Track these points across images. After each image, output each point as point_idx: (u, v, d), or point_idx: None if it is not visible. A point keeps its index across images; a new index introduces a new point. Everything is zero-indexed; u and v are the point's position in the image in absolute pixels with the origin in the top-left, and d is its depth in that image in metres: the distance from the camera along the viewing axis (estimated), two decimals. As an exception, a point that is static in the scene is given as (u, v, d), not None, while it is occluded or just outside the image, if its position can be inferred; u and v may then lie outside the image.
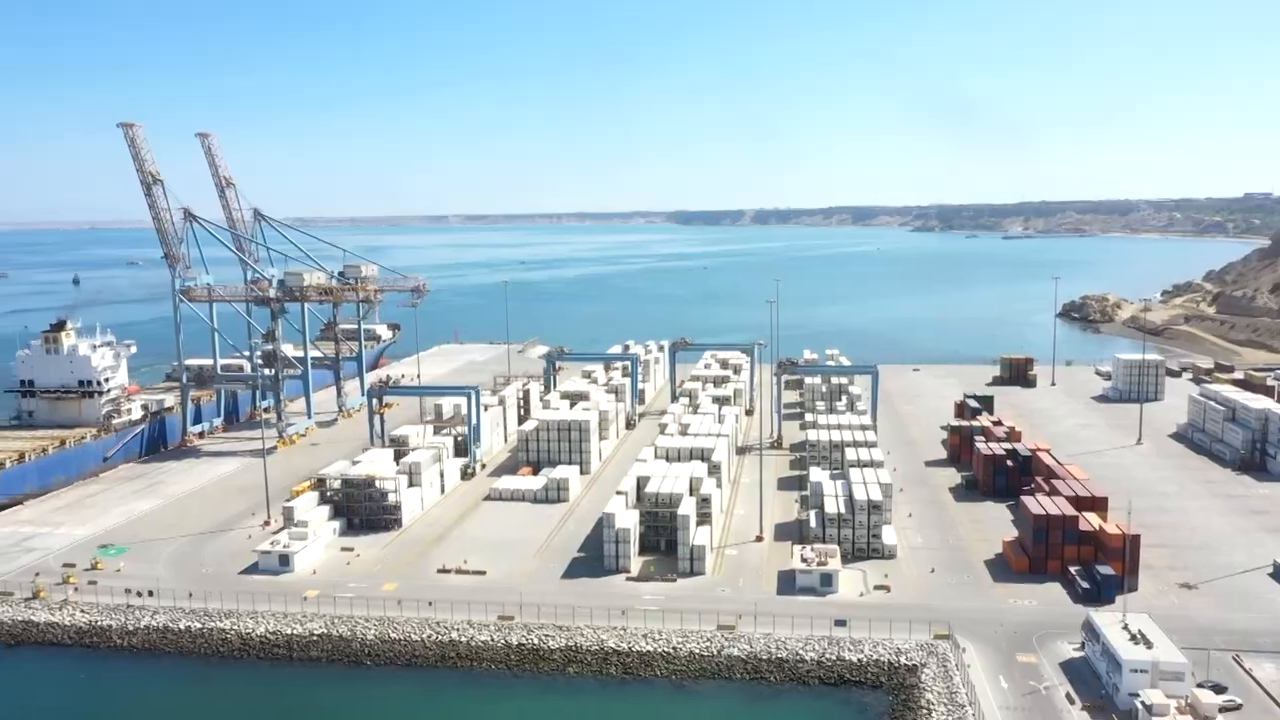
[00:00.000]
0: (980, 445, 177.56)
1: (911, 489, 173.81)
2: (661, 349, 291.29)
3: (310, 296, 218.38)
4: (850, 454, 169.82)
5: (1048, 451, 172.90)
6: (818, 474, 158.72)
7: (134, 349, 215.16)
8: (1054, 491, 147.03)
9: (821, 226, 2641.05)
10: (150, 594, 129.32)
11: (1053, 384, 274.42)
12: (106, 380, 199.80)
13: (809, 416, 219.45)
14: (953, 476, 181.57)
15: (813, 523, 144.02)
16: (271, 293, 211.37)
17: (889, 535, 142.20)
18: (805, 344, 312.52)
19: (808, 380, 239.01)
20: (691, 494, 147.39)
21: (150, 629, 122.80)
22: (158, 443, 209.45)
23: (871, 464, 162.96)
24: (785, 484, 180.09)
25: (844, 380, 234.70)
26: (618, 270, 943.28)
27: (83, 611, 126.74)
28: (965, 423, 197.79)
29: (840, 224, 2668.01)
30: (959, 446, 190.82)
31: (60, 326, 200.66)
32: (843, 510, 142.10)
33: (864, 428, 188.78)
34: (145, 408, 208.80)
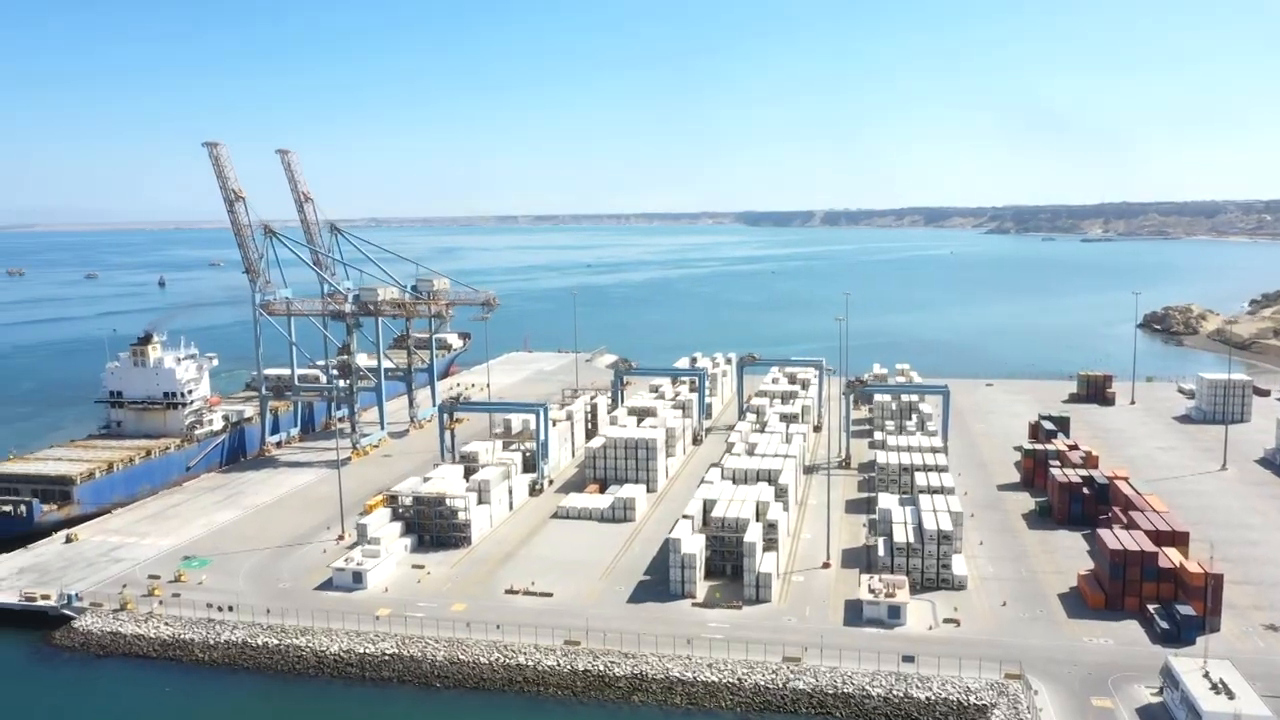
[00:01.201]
0: (1055, 471, 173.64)
1: (983, 514, 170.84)
2: (729, 361, 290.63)
3: (384, 311, 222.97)
4: (920, 478, 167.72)
5: (1126, 480, 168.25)
6: (886, 500, 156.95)
7: (215, 362, 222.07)
8: (1132, 524, 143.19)
9: (893, 228, 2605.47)
10: (230, 609, 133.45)
11: (1132, 402, 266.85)
12: (190, 392, 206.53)
13: (878, 435, 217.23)
14: (1026, 502, 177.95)
15: (881, 550, 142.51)
16: (347, 307, 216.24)
17: (959, 565, 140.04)
18: (874, 357, 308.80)
19: (877, 397, 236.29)
20: (758, 519, 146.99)
21: (230, 644, 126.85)
22: (237, 452, 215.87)
23: (942, 490, 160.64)
24: (853, 506, 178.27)
25: (914, 397, 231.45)
26: (685, 274, 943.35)
27: (167, 624, 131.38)
28: (1040, 445, 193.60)
29: (912, 225, 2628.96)
30: (1033, 470, 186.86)
31: (147, 340, 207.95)
32: (912, 539, 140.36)
33: (934, 450, 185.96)
34: (226, 418, 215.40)
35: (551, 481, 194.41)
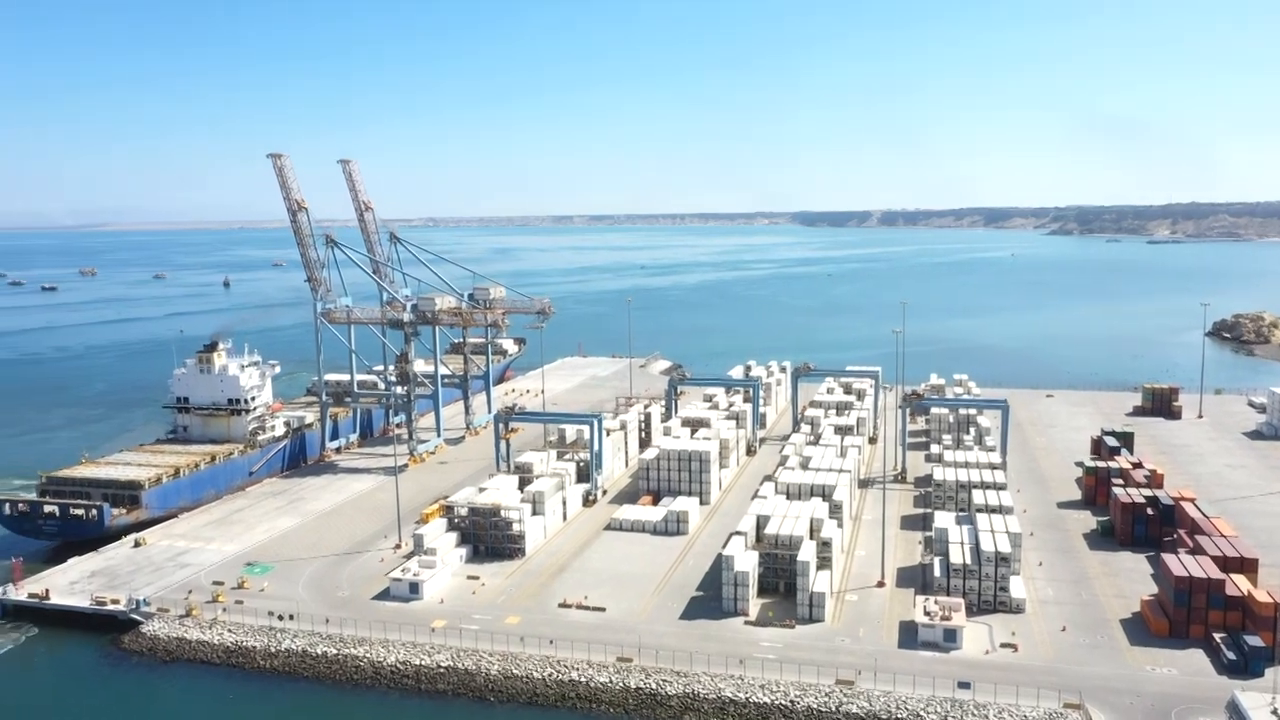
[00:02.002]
0: (1118, 490, 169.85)
1: (1042, 533, 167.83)
2: (783, 370, 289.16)
3: (442, 320, 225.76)
4: (977, 496, 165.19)
5: (1192, 502, 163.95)
6: (943, 519, 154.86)
7: (278, 369, 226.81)
8: (1198, 549, 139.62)
9: (952, 229, 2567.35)
10: (291, 617, 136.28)
11: (1199, 415, 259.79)
12: (253, 399, 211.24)
13: (935, 448, 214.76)
14: (1087, 521, 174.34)
15: (937, 571, 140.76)
16: (405, 316, 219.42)
17: (1017, 588, 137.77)
18: (932, 366, 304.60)
19: (934, 409, 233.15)
20: (811, 537, 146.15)
21: (290, 652, 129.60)
22: (298, 458, 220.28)
23: (1000, 509, 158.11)
24: (909, 522, 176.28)
25: (973, 411, 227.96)
26: (740, 276, 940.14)
27: (230, 631, 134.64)
28: (1102, 463, 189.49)
29: (971, 226, 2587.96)
30: (1095, 488, 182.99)
31: (212, 347, 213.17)
32: (969, 560, 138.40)
33: (993, 467, 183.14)
34: (287, 424, 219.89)
35: (605, 492, 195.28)
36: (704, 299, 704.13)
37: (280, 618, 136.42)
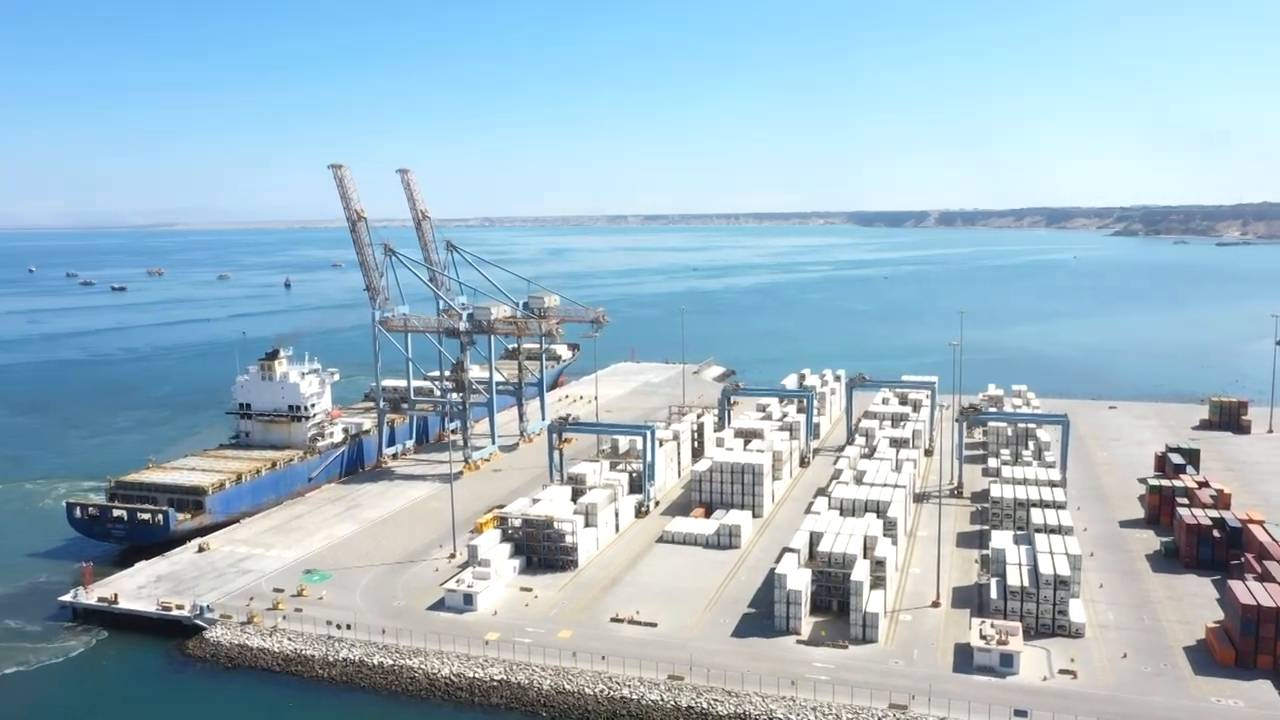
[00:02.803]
0: (1183, 510, 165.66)
1: (1103, 553, 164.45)
2: (838, 379, 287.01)
3: (497, 330, 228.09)
4: (1036, 515, 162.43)
5: (1261, 524, 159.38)
6: (1000, 539, 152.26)
7: (337, 377, 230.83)
8: (1267, 576, 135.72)
9: (1012, 229, 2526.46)
10: (348, 627, 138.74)
11: (1270, 430, 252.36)
12: (312, 406, 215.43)
13: (992, 462, 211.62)
14: (1150, 541, 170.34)
15: (993, 592, 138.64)
16: (461, 325, 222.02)
17: (1077, 611, 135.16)
18: (990, 375, 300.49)
19: (992, 422, 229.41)
20: (865, 555, 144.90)
21: (348, 662, 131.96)
22: (355, 464, 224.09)
23: (1059, 529, 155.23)
24: (965, 540, 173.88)
25: (1032, 424, 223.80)
26: (794, 279, 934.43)
27: (290, 639, 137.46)
28: (1166, 481, 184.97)
29: (1032, 226, 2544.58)
30: (1158, 507, 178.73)
31: (274, 355, 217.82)
32: (1026, 582, 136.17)
33: (1052, 484, 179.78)
34: (346, 430, 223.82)
35: (657, 503, 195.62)
36: (757, 302, 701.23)
37: (338, 627, 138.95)
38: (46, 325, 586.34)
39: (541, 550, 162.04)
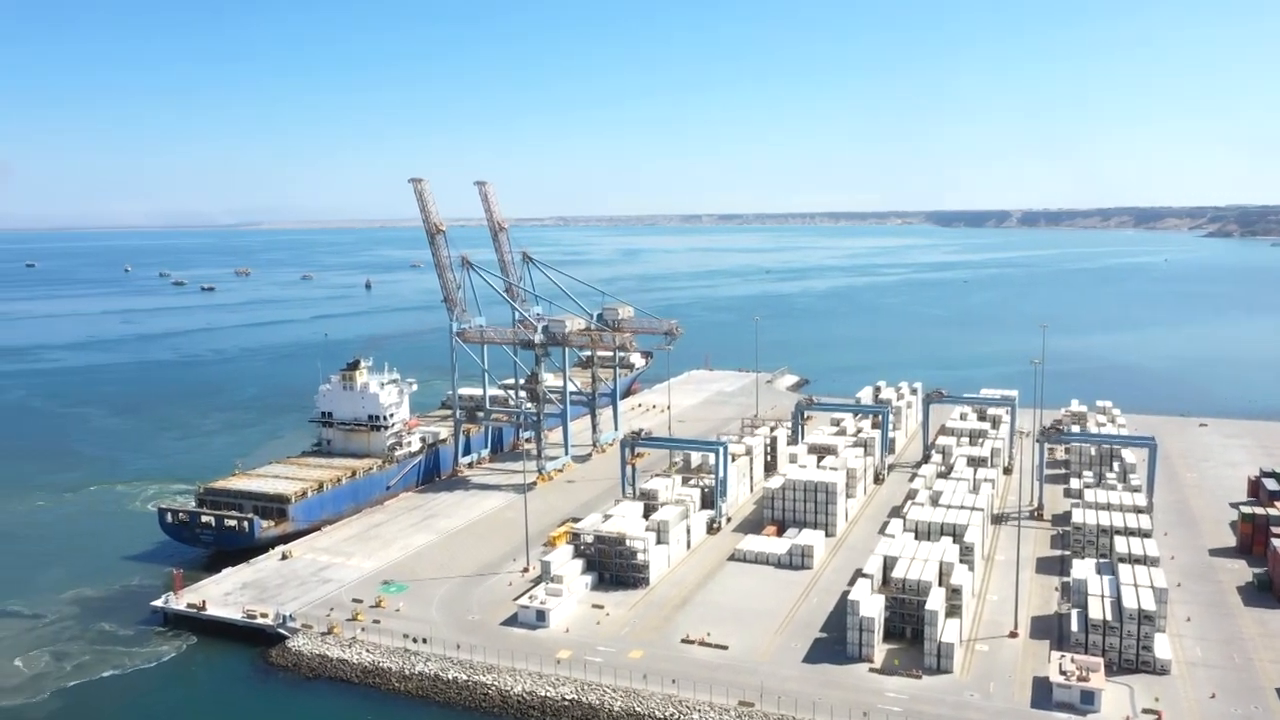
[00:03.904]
0: (1278, 541, 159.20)
1: (1191, 584, 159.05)
2: (914, 392, 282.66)
3: (571, 342, 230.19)
4: (1120, 544, 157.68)
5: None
6: (1082, 568, 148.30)
7: (415, 387, 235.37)
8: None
9: (1098, 229, 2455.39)
10: (424, 641, 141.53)
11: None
12: (391, 415, 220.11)
13: (1074, 483, 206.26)
14: (1243, 572, 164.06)
15: (1074, 624, 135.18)
16: (536, 338, 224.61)
17: (1162, 647, 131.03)
18: (1073, 388, 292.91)
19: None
20: (941, 582, 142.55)
21: (423, 676, 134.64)
22: (432, 472, 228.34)
23: (1145, 560, 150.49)
24: (1045, 565, 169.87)
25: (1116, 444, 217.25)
26: (871, 282, 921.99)
27: (368, 651, 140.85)
28: (1260, 509, 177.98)
29: (1120, 227, 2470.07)
30: (1251, 536, 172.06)
31: (355, 365, 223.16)
32: (1109, 615, 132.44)
33: (1138, 510, 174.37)
34: (423, 439, 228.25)
35: (729, 519, 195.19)
36: (832, 307, 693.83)
37: (415, 640, 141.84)
38: (141, 325, 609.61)
39: (613, 567, 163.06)
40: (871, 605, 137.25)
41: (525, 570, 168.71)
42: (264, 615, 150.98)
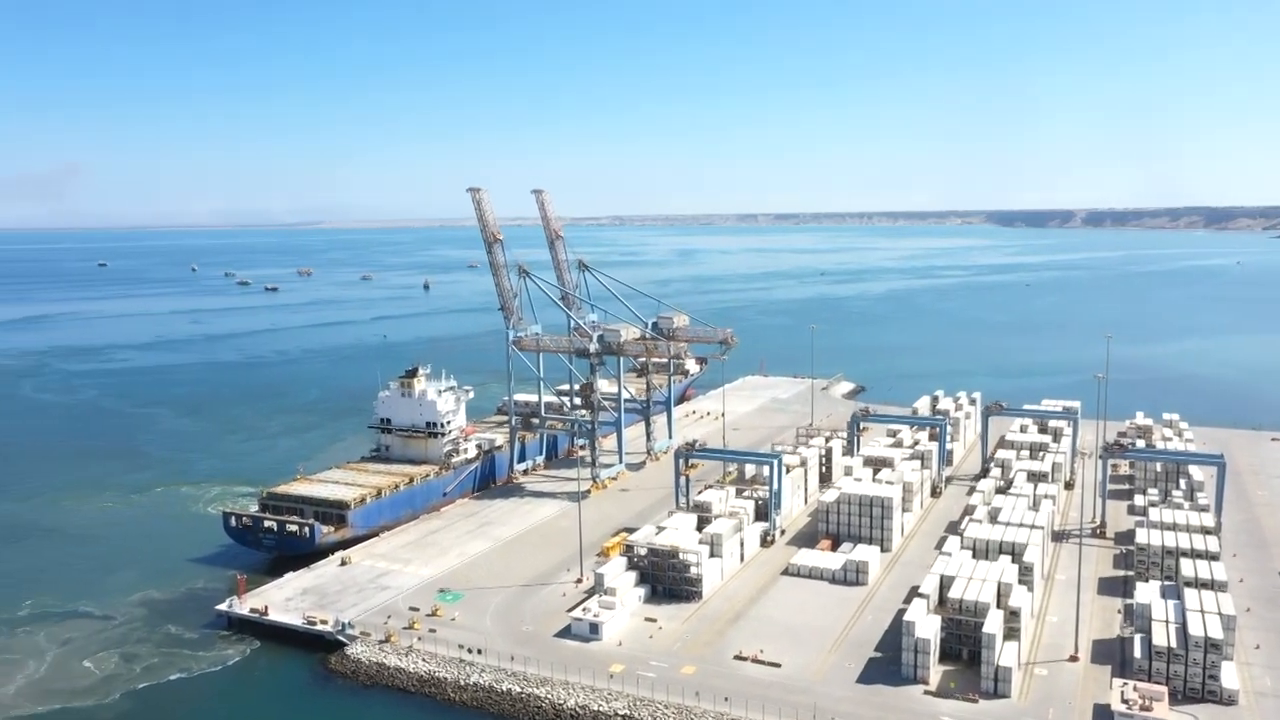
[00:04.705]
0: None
1: (1261, 609, 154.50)
2: (972, 402, 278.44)
3: (626, 351, 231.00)
4: (1186, 567, 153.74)
5: None
6: (1145, 592, 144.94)
7: (471, 394, 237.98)
8: None
9: (1167, 230, 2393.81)
10: (479, 651, 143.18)
11: None
12: (448, 422, 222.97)
13: (1139, 500, 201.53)
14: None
15: (1137, 650, 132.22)
16: (592, 347, 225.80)
17: (1229, 676, 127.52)
18: (1138, 400, 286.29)
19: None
20: (999, 604, 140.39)
21: (478, 687, 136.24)
22: (488, 479, 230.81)
23: (1212, 584, 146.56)
24: (1107, 586, 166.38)
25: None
26: (929, 285, 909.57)
27: (424, 660, 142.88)
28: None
29: (1189, 227, 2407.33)
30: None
31: (413, 373, 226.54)
32: (1173, 643, 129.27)
33: (1205, 531, 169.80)
34: (479, 446, 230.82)
35: (783, 531, 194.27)
36: (889, 311, 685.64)
37: (470, 651, 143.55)
38: (208, 325, 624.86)
39: (666, 580, 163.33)
40: (927, 626, 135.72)
41: (579, 581, 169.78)
42: (323, 621, 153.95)
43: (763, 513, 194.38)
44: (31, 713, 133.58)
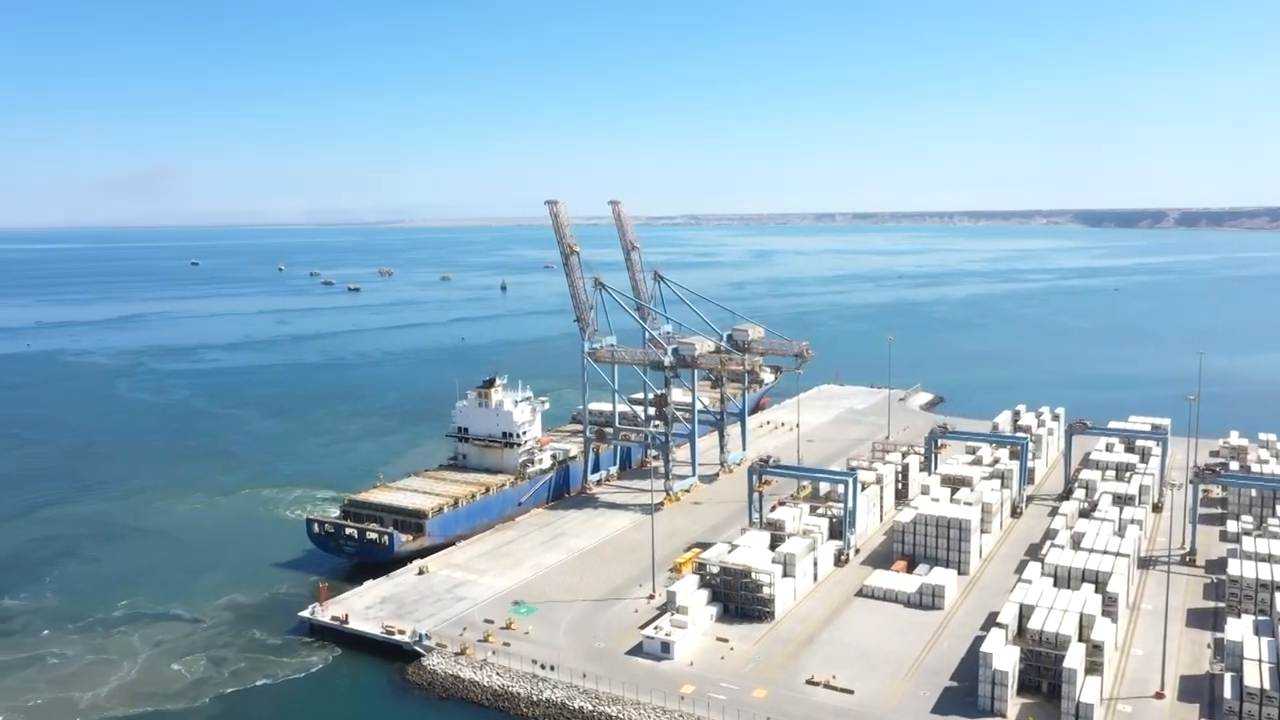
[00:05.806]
0: None
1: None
2: (1055, 418, 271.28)
3: (701, 365, 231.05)
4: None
5: None
6: (1237, 628, 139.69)
7: (547, 405, 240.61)
8: None
9: (1267, 231, 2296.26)
10: (552, 668, 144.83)
11: None
12: (524, 433, 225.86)
13: (1232, 525, 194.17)
14: None
15: (1227, 689, 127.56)
16: (666, 360, 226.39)
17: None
18: (1233, 417, 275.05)
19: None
20: (1081, 637, 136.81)
21: (550, 703, 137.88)
22: (562, 489, 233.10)
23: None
24: (1196, 618, 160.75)
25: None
26: (1012, 290, 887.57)
27: (498, 674, 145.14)
28: None
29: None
30: None
31: (490, 383, 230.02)
32: (1267, 685, 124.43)
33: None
34: (554, 457, 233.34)
35: (857, 551, 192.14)
36: (970, 317, 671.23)
37: (543, 666, 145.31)
38: (293, 326, 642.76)
39: (739, 599, 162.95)
40: (1005, 657, 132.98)
41: (651, 597, 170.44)
42: (401, 632, 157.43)
43: (837, 531, 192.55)
44: (125, 714, 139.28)
